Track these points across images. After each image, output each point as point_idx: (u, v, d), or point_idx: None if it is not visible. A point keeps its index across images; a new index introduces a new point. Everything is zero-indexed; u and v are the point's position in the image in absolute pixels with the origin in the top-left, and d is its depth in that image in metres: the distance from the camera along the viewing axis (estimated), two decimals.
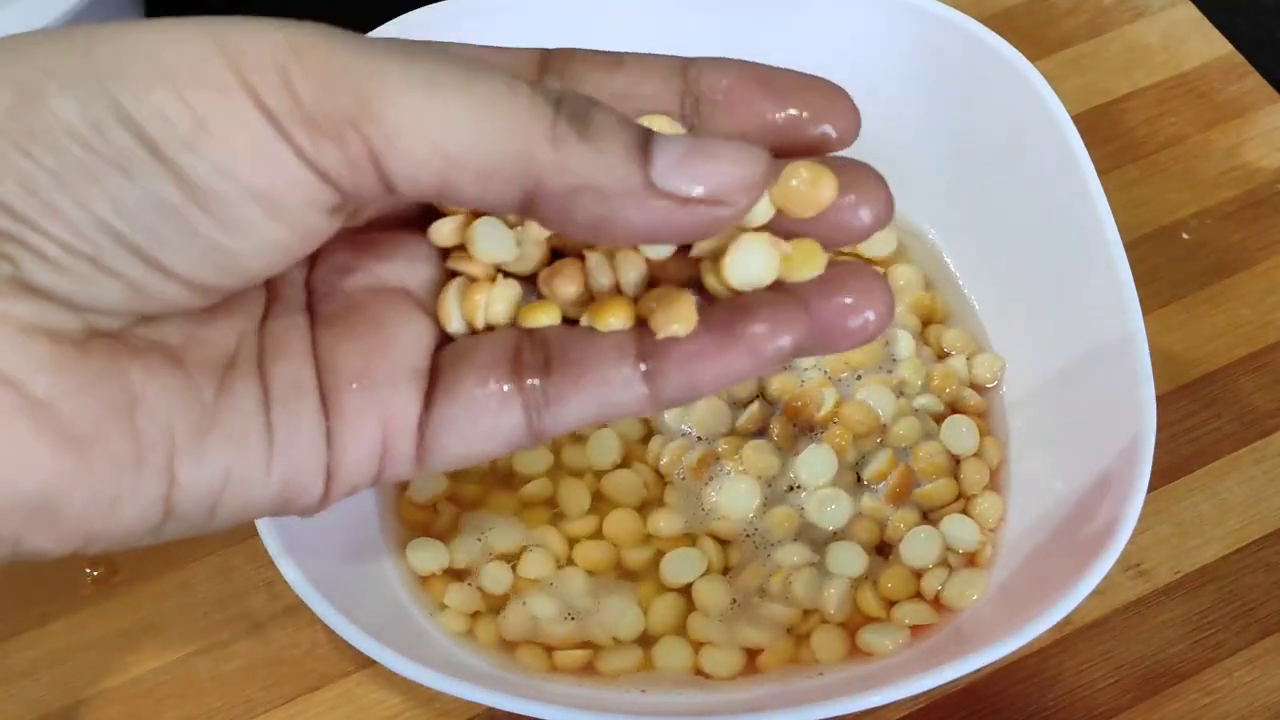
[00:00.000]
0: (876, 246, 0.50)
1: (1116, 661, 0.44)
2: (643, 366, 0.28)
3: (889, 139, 0.50)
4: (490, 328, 0.29)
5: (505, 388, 0.28)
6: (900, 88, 0.49)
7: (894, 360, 0.47)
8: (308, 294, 0.30)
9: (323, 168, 0.25)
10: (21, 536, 0.26)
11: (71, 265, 0.25)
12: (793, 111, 0.29)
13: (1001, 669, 0.44)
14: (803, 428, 0.46)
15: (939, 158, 0.50)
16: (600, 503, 0.45)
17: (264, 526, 0.39)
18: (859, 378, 0.47)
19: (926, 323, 0.49)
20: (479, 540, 0.44)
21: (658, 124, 0.28)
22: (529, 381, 0.28)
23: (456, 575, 0.44)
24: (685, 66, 0.30)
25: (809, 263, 0.28)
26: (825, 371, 0.47)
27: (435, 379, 0.29)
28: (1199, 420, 0.49)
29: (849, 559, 0.43)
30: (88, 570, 0.46)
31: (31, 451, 0.25)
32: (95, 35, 0.25)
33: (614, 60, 0.30)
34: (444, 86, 0.25)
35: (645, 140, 0.25)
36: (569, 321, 0.29)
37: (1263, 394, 0.49)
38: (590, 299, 0.29)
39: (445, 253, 0.30)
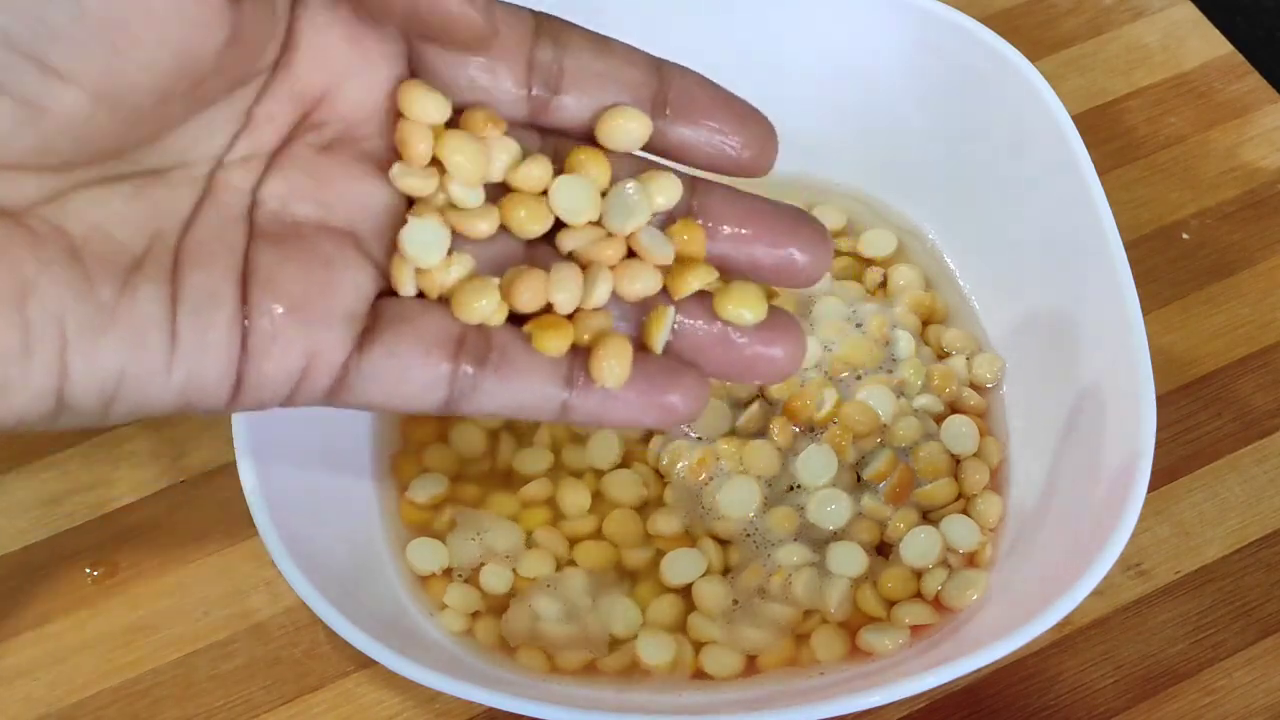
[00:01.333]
0: (877, 246, 0.50)
1: (1116, 661, 0.44)
2: (567, 393, 0.31)
3: (889, 139, 0.50)
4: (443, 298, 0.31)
5: (441, 367, 0.30)
6: (900, 88, 0.49)
7: (894, 360, 0.47)
8: (254, 203, 0.30)
9: None
10: None
11: None
12: (732, 136, 0.32)
13: (1001, 669, 0.44)
14: (803, 428, 0.46)
15: (939, 158, 0.50)
16: (600, 502, 0.45)
17: (265, 527, 0.39)
18: (859, 377, 0.47)
19: (926, 323, 0.49)
20: (478, 540, 0.44)
21: (627, 114, 0.31)
22: (464, 368, 0.30)
23: (456, 575, 0.44)
24: (660, 66, 0.32)
25: (754, 308, 0.31)
26: (825, 371, 0.47)
27: (373, 330, 0.30)
28: (1199, 420, 0.49)
29: (849, 559, 0.43)
30: (88, 570, 0.46)
31: None
32: None
33: (603, 43, 0.32)
34: None
35: None
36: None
37: (1263, 394, 0.49)
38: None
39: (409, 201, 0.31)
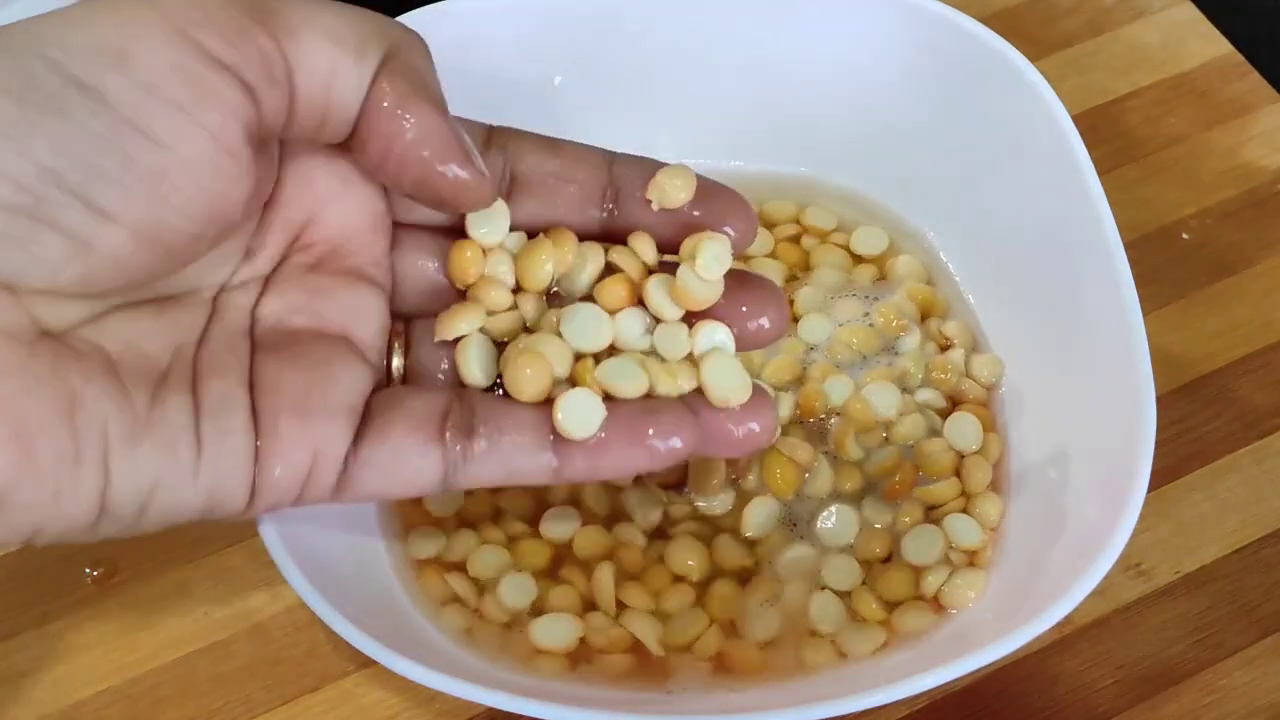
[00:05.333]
0: (869, 245, 0.50)
1: (1116, 661, 0.44)
2: (552, 455, 0.32)
3: (889, 139, 0.50)
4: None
5: (431, 443, 0.32)
6: (900, 88, 0.49)
7: (895, 354, 0.47)
8: (253, 321, 0.33)
9: (235, 67, 0.28)
10: None
11: (11, 226, 0.27)
12: (698, 213, 0.35)
13: (1001, 669, 0.44)
14: (809, 428, 0.46)
15: (939, 158, 0.50)
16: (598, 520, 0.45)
17: (264, 526, 0.39)
18: (865, 357, 0.47)
19: (925, 316, 0.49)
20: (479, 539, 0.44)
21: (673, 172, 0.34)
22: (452, 442, 0.32)
23: (457, 572, 0.44)
24: (611, 161, 0.35)
25: (740, 391, 0.34)
26: (826, 354, 0.47)
27: (366, 421, 0.32)
28: (1199, 420, 0.49)
29: (849, 562, 0.43)
30: (88, 570, 0.46)
31: None
32: (35, 18, 0.28)
33: (552, 145, 0.35)
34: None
35: None
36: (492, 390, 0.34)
37: (1263, 394, 0.49)
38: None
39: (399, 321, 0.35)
